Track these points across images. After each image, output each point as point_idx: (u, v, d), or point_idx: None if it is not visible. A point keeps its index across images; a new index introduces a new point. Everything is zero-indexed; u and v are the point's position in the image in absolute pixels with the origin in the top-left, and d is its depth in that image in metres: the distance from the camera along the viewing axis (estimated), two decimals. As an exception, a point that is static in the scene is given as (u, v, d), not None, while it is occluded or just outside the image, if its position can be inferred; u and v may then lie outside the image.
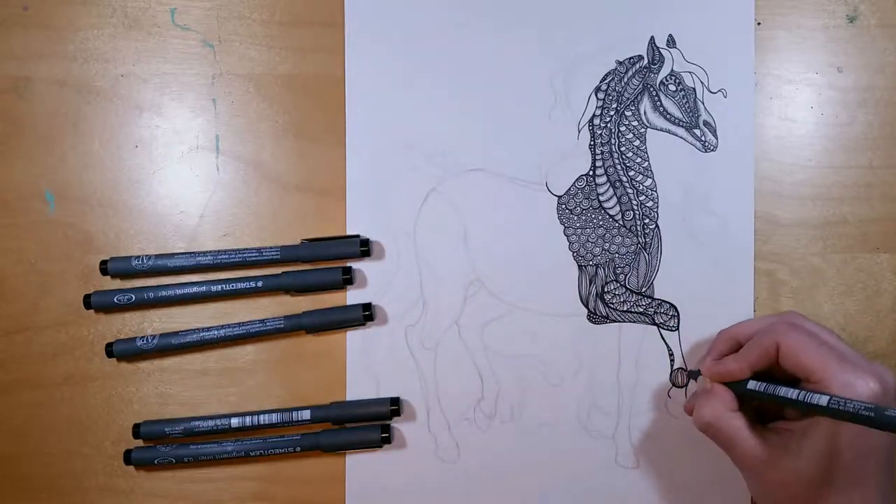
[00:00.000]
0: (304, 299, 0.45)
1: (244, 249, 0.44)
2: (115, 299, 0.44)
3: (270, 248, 0.44)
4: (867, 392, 0.34)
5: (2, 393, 0.45)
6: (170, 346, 0.44)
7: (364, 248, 0.44)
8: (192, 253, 0.44)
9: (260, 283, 0.44)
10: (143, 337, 0.44)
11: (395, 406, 0.44)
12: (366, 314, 0.44)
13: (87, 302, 0.44)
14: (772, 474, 0.36)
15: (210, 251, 0.44)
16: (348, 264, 0.44)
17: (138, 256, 0.44)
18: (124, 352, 0.44)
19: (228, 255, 0.44)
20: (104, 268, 0.44)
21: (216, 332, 0.44)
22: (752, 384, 0.38)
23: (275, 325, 0.44)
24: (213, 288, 0.44)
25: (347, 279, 0.44)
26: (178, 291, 0.44)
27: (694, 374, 0.42)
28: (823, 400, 0.34)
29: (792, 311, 0.42)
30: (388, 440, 0.44)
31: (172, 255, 0.44)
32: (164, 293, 0.44)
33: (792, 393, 0.36)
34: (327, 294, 0.45)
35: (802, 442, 0.36)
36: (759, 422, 0.39)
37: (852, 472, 0.35)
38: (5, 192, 0.45)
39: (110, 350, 0.44)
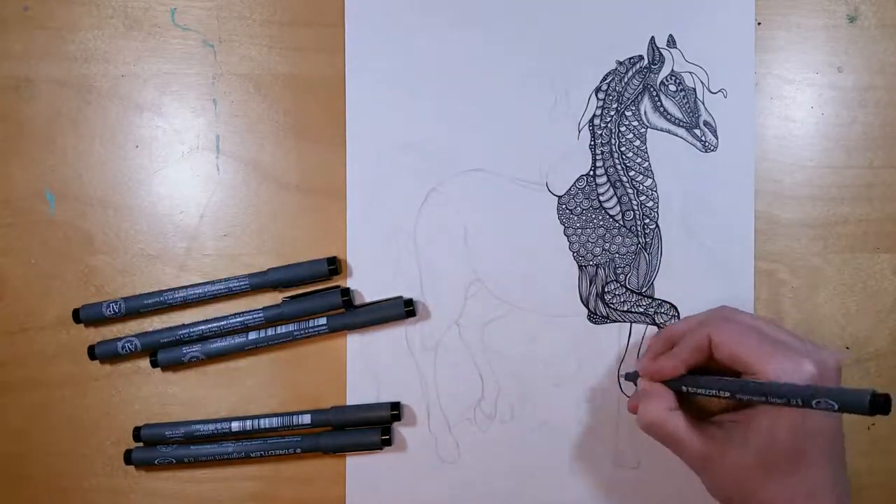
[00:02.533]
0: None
1: (217, 282, 0.44)
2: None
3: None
4: (803, 377, 0.34)
5: (2, 393, 0.45)
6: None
7: (346, 297, 0.44)
8: (161, 291, 0.44)
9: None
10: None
11: (395, 411, 0.44)
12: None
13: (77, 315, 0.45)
14: (719, 468, 0.36)
15: (182, 287, 0.44)
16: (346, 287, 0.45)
17: (108, 303, 0.44)
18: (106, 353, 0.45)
19: (203, 289, 0.44)
20: (76, 316, 0.44)
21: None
22: (686, 382, 0.38)
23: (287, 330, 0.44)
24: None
25: (347, 301, 0.44)
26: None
27: (632, 377, 0.41)
28: (754, 388, 0.33)
29: (724, 305, 0.41)
30: (388, 442, 0.44)
31: (142, 295, 0.45)
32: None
33: (722, 384, 0.35)
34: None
35: (746, 432, 0.35)
36: (702, 417, 0.38)
37: (799, 456, 0.34)
38: (5, 192, 0.45)
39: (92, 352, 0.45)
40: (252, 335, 0.44)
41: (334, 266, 0.44)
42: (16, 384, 0.45)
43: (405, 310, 0.44)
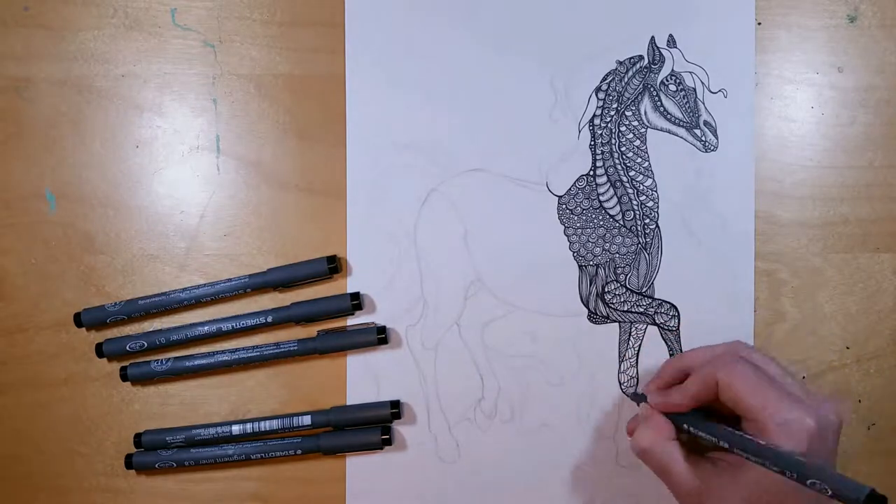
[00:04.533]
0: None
1: (218, 282, 0.44)
2: (127, 347, 0.44)
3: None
4: (803, 433, 0.34)
5: (2, 393, 0.45)
6: (184, 370, 0.44)
7: (355, 301, 0.44)
8: (161, 294, 0.44)
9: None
10: (157, 360, 0.45)
11: (395, 409, 0.44)
12: (380, 337, 0.44)
13: (78, 320, 0.45)
14: None
15: (183, 288, 0.44)
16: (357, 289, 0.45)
17: (108, 305, 0.44)
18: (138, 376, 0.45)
19: (204, 290, 0.44)
20: (77, 319, 0.44)
21: (228, 356, 0.44)
22: (689, 420, 0.38)
23: (288, 348, 0.44)
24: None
25: (356, 304, 0.44)
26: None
27: (640, 398, 0.41)
28: (752, 448, 0.34)
29: (738, 341, 0.41)
30: (388, 442, 0.44)
31: (142, 297, 0.45)
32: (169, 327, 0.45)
33: (724, 435, 0.36)
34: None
35: (737, 475, 0.36)
36: (698, 450, 0.39)
37: None
38: (5, 192, 0.45)
39: (124, 374, 0.45)
40: (244, 351, 0.44)
41: (334, 264, 0.44)
42: (16, 384, 0.45)
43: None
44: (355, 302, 0.44)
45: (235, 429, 0.44)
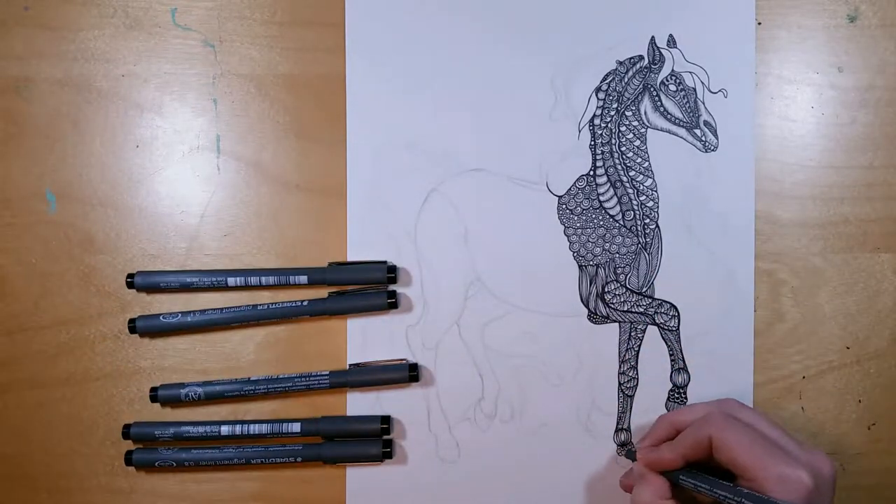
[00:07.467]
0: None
1: (274, 272, 0.44)
2: (161, 318, 0.44)
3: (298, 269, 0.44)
4: (801, 489, 0.34)
5: (2, 393, 0.45)
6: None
7: (391, 300, 0.44)
8: (214, 271, 0.44)
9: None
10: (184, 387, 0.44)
11: (385, 425, 0.44)
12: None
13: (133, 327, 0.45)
14: None
15: (242, 269, 0.44)
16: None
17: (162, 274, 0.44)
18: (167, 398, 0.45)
19: (260, 277, 0.44)
20: (130, 281, 0.45)
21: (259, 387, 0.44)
22: (684, 477, 0.38)
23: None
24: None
25: (392, 303, 0.44)
26: (213, 317, 0.44)
27: (634, 455, 0.41)
28: (751, 499, 0.34)
29: (729, 398, 0.41)
30: (388, 455, 0.44)
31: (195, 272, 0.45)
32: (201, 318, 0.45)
33: (720, 488, 0.36)
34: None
35: None
36: None
37: None
38: (6, 191, 0.45)
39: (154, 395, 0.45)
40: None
41: (393, 274, 0.44)
42: (16, 384, 0.45)
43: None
44: (391, 301, 0.44)
45: (225, 429, 0.44)
